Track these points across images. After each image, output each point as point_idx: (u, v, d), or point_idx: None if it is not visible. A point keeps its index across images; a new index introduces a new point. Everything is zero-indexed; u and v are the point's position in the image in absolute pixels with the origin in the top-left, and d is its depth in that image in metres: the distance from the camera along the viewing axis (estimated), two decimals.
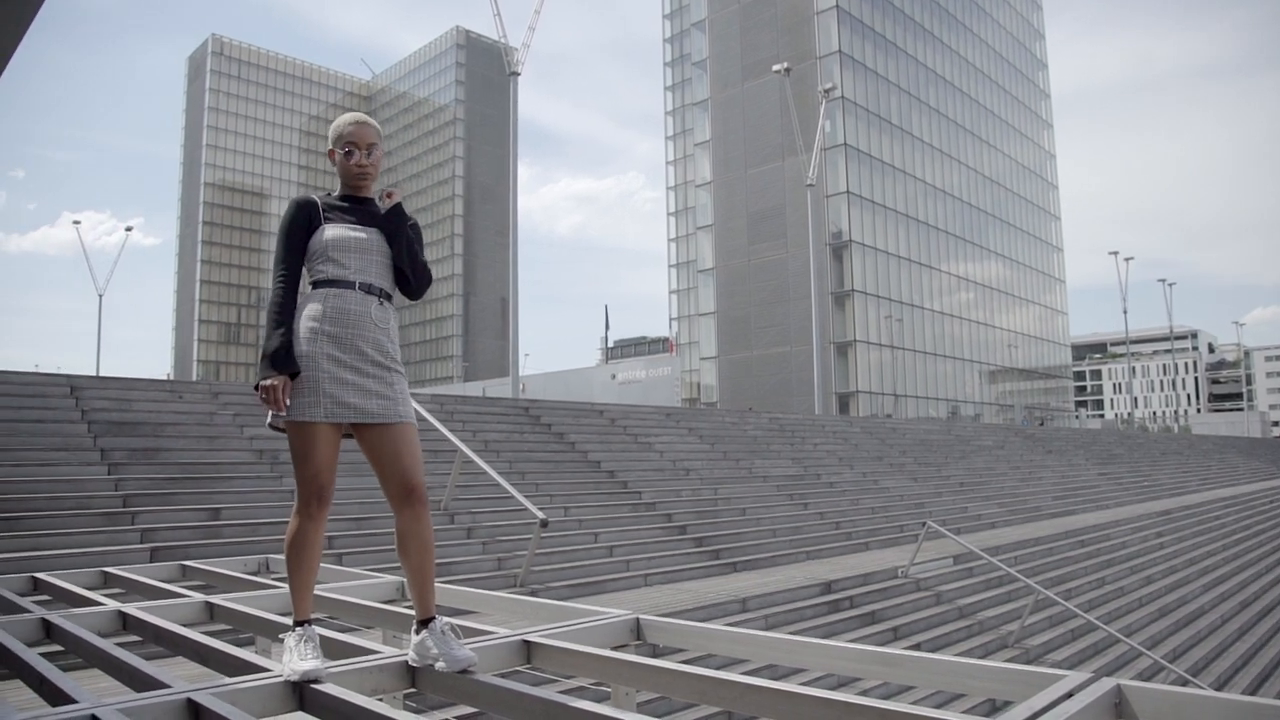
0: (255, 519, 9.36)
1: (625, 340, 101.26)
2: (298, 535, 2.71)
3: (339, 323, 2.72)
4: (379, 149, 2.93)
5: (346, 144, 2.88)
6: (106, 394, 11.47)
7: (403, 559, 2.78)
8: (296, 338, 2.70)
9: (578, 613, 3.54)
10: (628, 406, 20.15)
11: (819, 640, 3.06)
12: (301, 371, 2.67)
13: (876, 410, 52.80)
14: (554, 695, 2.39)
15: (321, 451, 2.69)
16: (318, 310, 2.73)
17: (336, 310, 2.72)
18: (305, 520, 2.70)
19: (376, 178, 2.96)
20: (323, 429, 2.68)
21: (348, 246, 2.79)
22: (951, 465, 22.72)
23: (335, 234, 2.79)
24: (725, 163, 60.82)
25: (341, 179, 2.93)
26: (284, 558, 2.78)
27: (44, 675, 2.70)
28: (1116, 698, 2.31)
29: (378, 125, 2.98)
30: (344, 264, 2.77)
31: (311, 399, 2.66)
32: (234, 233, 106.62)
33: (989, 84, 70.03)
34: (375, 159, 2.92)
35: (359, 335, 2.73)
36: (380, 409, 2.72)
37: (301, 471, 2.69)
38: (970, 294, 65.36)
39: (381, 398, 2.73)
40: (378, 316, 2.78)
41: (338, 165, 2.92)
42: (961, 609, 12.08)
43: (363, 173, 2.89)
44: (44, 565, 6.76)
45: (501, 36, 32.45)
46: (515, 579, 9.51)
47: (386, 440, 2.74)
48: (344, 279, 2.76)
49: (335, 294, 2.74)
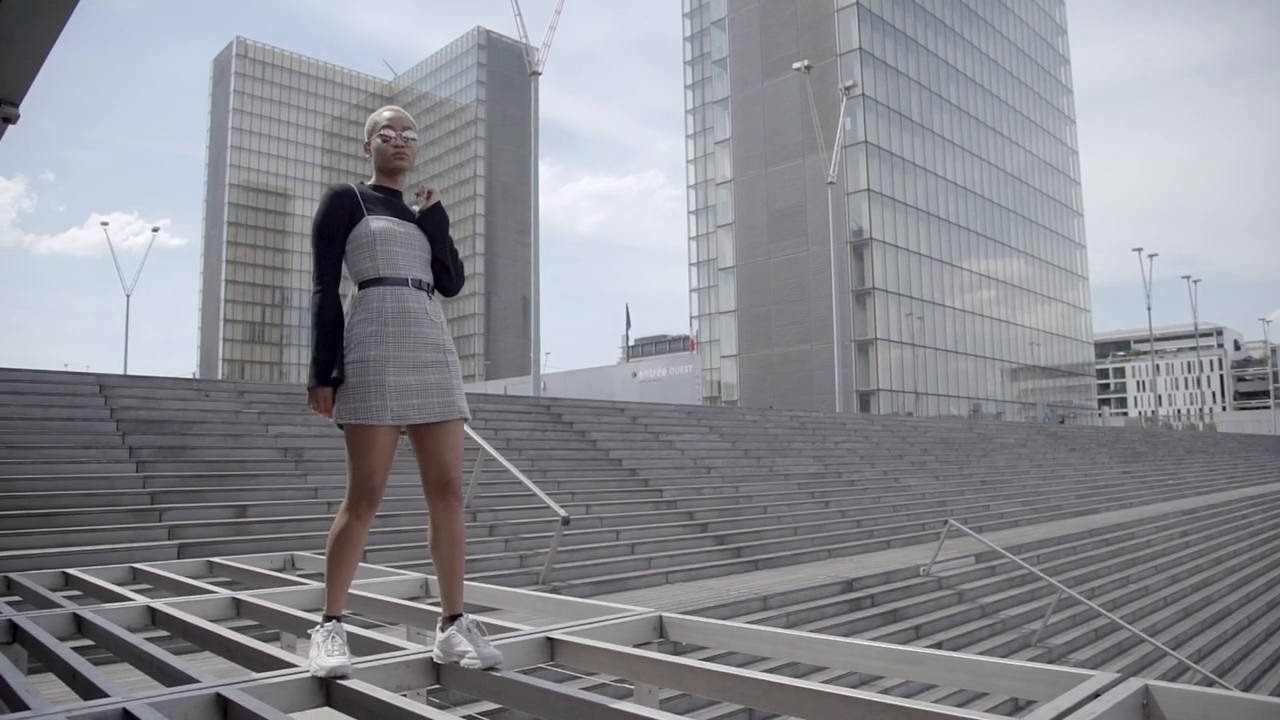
0: (280, 516, 9.45)
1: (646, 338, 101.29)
2: (343, 533, 2.73)
3: (401, 321, 2.72)
4: (414, 136, 2.93)
5: (383, 129, 2.89)
6: (134, 393, 11.60)
7: (434, 552, 2.81)
8: (360, 343, 2.69)
9: (601, 610, 3.55)
10: (649, 404, 20.16)
11: (841, 638, 3.06)
12: (366, 375, 2.67)
13: (897, 408, 52.55)
14: (578, 692, 2.40)
15: (379, 454, 2.70)
16: (378, 311, 2.72)
17: (398, 310, 2.72)
18: (353, 519, 2.72)
19: (413, 164, 2.96)
20: (384, 432, 2.69)
21: (394, 240, 2.78)
22: (973, 463, 22.58)
23: (382, 227, 2.77)
24: (746, 161, 60.67)
25: (377, 166, 2.93)
26: (325, 552, 2.81)
27: (76, 669, 2.74)
28: (1144, 698, 2.29)
29: (412, 119, 3.00)
30: (394, 260, 2.76)
31: (378, 402, 2.66)
32: (258, 233, 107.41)
33: (1011, 80, 69.47)
34: (412, 145, 2.92)
35: (418, 333, 2.74)
36: (443, 407, 2.74)
37: (356, 472, 2.70)
38: (992, 291, 64.91)
39: (444, 393, 2.75)
40: (432, 311, 2.80)
41: (374, 152, 2.91)
42: (984, 608, 12.02)
43: (399, 152, 2.89)
44: (75, 561, 6.85)
45: (522, 36, 32.51)
46: (537, 576, 9.55)
47: (438, 434, 2.76)
48: (397, 276, 2.75)
49: (393, 292, 2.74)
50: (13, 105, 3.28)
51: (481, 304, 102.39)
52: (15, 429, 9.81)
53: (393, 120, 2.91)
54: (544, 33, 34.09)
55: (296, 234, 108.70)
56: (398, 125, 2.90)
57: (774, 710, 2.57)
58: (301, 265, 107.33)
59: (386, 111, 2.93)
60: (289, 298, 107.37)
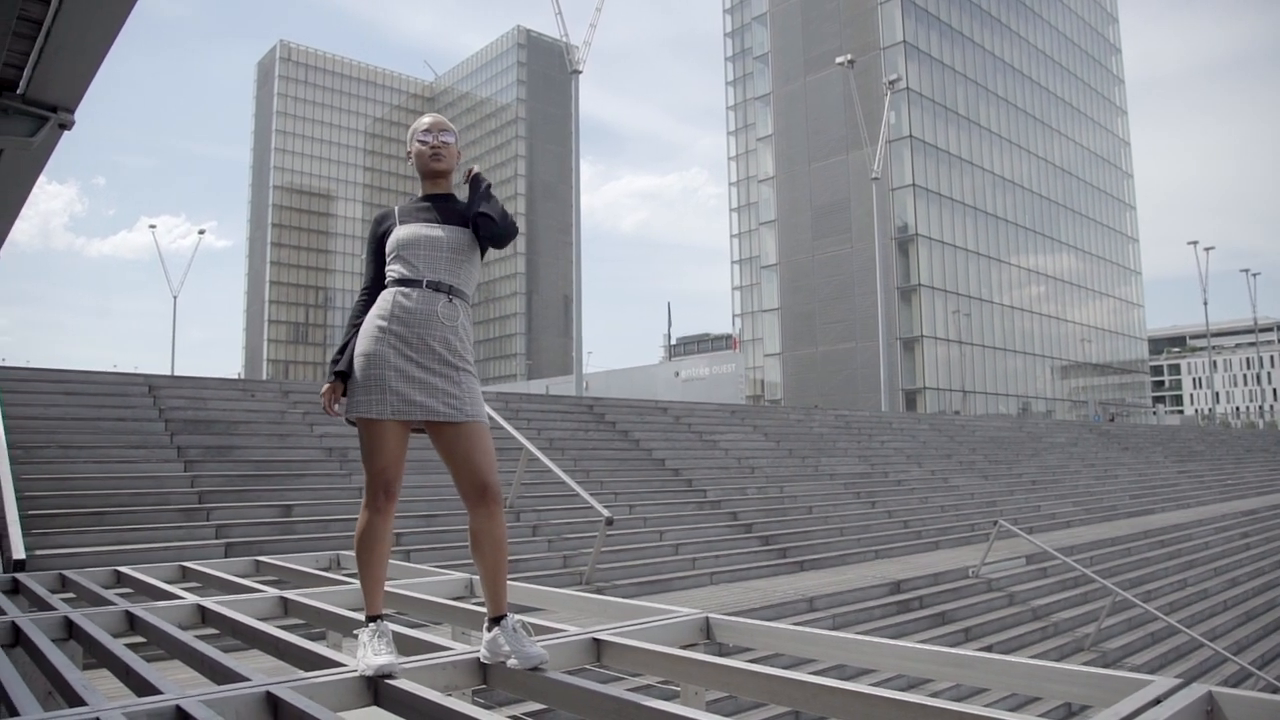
0: (326, 516, 9.55)
1: (688, 337, 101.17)
2: (366, 529, 2.75)
3: (405, 321, 2.74)
4: (453, 141, 2.98)
5: (421, 134, 2.95)
6: (182, 393, 11.80)
7: (476, 556, 2.80)
8: (363, 337, 2.77)
9: (646, 611, 3.53)
10: (692, 404, 20.11)
11: (890, 641, 3.00)
12: (369, 370, 2.71)
13: (944, 407, 51.91)
14: (624, 693, 2.37)
15: (388, 447, 2.72)
16: (385, 309, 2.76)
17: (402, 309, 2.74)
18: (373, 514, 2.74)
19: (452, 165, 2.99)
20: (389, 425, 2.72)
21: (417, 244, 2.82)
22: (1023, 463, 22.23)
23: (406, 233, 2.84)
24: (788, 157, 60.32)
25: (420, 172, 2.98)
26: (354, 553, 2.82)
27: (130, 666, 2.78)
28: (1208, 705, 2.21)
29: (451, 124, 3.02)
30: (412, 262, 2.80)
31: (378, 396, 2.70)
32: (302, 234, 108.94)
33: (1059, 71, 68.25)
34: (450, 148, 2.96)
35: (427, 333, 2.74)
36: (447, 408, 2.73)
37: (369, 466, 2.74)
38: (1041, 287, 63.85)
39: (449, 396, 2.74)
40: (445, 314, 2.77)
41: (415, 159, 2.97)
42: (1035, 610, 11.81)
43: (435, 153, 2.93)
44: (126, 559, 6.98)
45: (563, 35, 32.62)
46: (581, 577, 9.55)
47: (459, 439, 2.75)
48: (412, 277, 2.78)
49: (402, 292, 2.77)
50: (69, 112, 3.34)
51: (523, 303, 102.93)
52: (68, 429, 10.03)
53: (431, 125, 2.97)
54: (584, 31, 34.22)
55: (339, 235, 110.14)
56: (434, 129, 2.96)
57: (822, 713, 2.53)
58: (344, 266, 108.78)
59: (424, 119, 2.99)
60: (332, 298, 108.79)
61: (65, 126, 3.42)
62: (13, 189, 4.26)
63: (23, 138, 3.32)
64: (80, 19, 2.73)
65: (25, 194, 4.40)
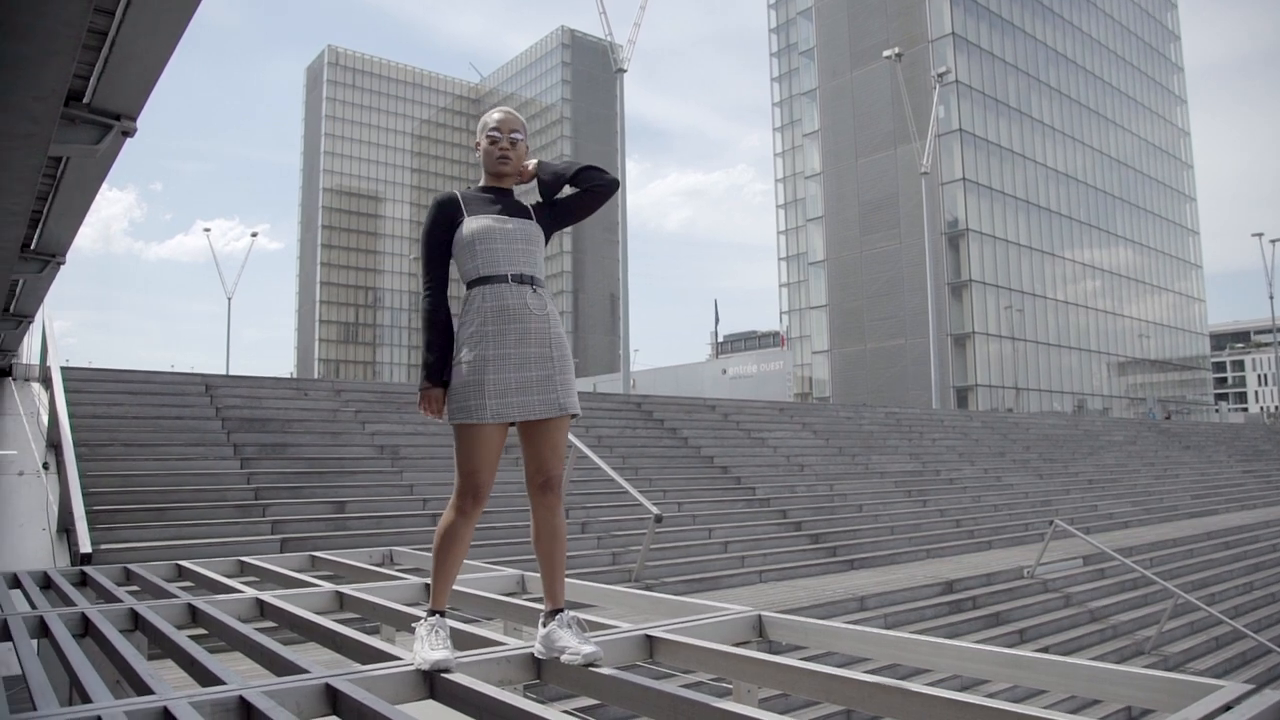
0: (378, 512, 9.69)
1: (735, 335, 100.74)
2: (449, 529, 2.76)
3: (500, 319, 2.73)
4: (523, 140, 2.94)
5: (491, 131, 2.93)
6: (238, 392, 12.04)
7: (535, 546, 2.83)
8: (464, 345, 2.73)
9: (698, 608, 3.52)
10: (740, 401, 20.04)
11: (946, 640, 2.96)
12: (469, 375, 2.70)
13: (996, 404, 51.10)
14: (679, 690, 2.37)
15: (484, 452, 2.72)
16: (477, 310, 2.74)
17: (496, 309, 2.74)
18: (459, 516, 2.74)
19: (516, 166, 2.96)
20: (488, 429, 2.71)
21: (494, 237, 2.79)
22: (1079, 461, 21.81)
23: (480, 225, 2.80)
24: (835, 153, 59.78)
25: (485, 168, 2.96)
26: (431, 548, 2.83)
27: (194, 657, 2.84)
28: None
29: (523, 119, 3.00)
30: (493, 257, 2.78)
31: (477, 402, 2.68)
32: (351, 235, 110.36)
33: (1115, 60, 66.72)
34: (519, 149, 2.94)
35: (521, 329, 2.74)
36: (543, 405, 2.74)
37: (462, 469, 2.73)
38: (1096, 282, 62.52)
39: (546, 391, 2.75)
40: (534, 305, 2.78)
41: (482, 153, 2.94)
42: (1093, 612, 11.59)
43: (504, 155, 2.90)
44: (186, 553, 7.14)
45: (607, 34, 32.68)
46: (630, 574, 9.57)
47: (543, 431, 2.78)
48: (496, 273, 2.77)
49: (491, 290, 2.75)
50: (131, 120, 3.42)
51: (570, 302, 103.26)
52: (130, 427, 10.29)
53: (500, 123, 2.93)
54: (628, 30, 34.24)
55: (388, 236, 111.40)
56: (504, 128, 2.92)
57: (877, 713, 2.50)
58: (392, 266, 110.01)
59: (496, 113, 2.95)
60: (381, 298, 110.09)
61: (128, 134, 3.50)
62: (78, 196, 4.38)
63: (88, 145, 3.41)
64: (143, 29, 2.81)
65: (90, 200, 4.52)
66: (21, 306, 6.98)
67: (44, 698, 2.45)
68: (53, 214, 4.62)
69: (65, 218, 4.79)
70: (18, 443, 9.65)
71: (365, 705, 2.27)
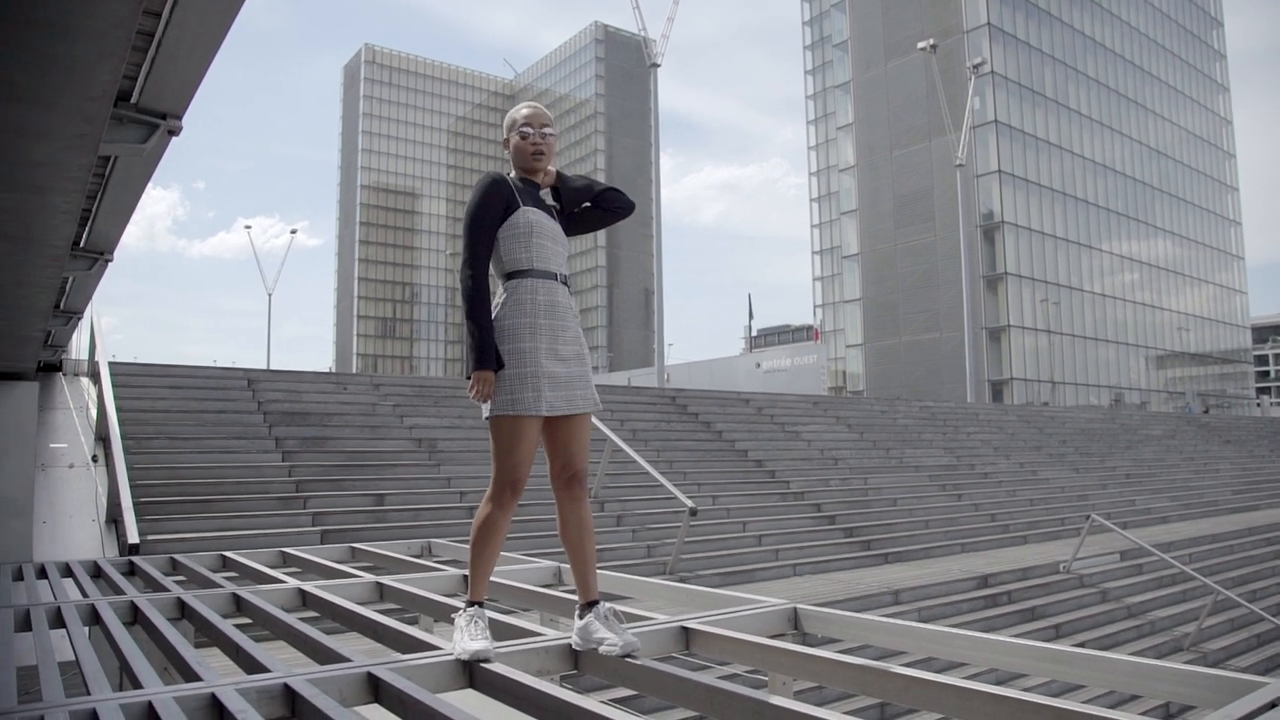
0: (416, 505, 9.79)
1: (769, 328, 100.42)
2: (487, 521, 2.78)
3: (554, 316, 2.77)
4: (552, 134, 2.96)
5: (522, 126, 2.93)
6: (279, 387, 12.21)
7: (564, 540, 2.86)
8: (514, 334, 2.72)
9: (734, 601, 3.54)
10: (774, 395, 19.98)
11: (983, 635, 2.96)
12: (522, 367, 2.70)
13: (1032, 398, 50.49)
14: (716, 681, 2.40)
15: (527, 445, 2.75)
16: (533, 304, 2.76)
17: (549, 304, 2.78)
18: (496, 508, 2.77)
19: (551, 159, 2.98)
20: (534, 423, 2.73)
21: (545, 234, 2.83)
22: (1116, 456, 21.52)
23: (536, 219, 2.82)
24: (869, 146, 59.28)
25: (516, 163, 2.95)
26: (469, 540, 2.86)
27: (239, 645, 2.91)
28: None
29: (549, 114, 3.01)
30: (545, 254, 2.81)
31: (533, 394, 2.69)
32: (389, 232, 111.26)
33: (1154, 48, 65.47)
34: (549, 143, 2.95)
35: (564, 327, 2.79)
36: (584, 399, 2.80)
37: (503, 462, 2.74)
38: (1135, 274, 61.51)
39: (585, 386, 2.81)
40: (572, 306, 2.87)
41: (513, 150, 2.94)
42: (1130, 608, 11.45)
43: (538, 150, 2.91)
44: (229, 544, 7.27)
45: (641, 29, 32.65)
46: (665, 566, 9.60)
47: (571, 426, 2.81)
48: (547, 270, 2.80)
49: (544, 286, 2.78)
50: (177, 119, 3.49)
51: (604, 296, 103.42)
52: (175, 421, 10.48)
53: (530, 118, 2.94)
54: (662, 24, 34.19)
55: (424, 232, 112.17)
56: (535, 123, 2.93)
57: (914, 706, 2.52)
58: (429, 262, 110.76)
59: (524, 109, 2.96)
60: (418, 293, 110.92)
61: (174, 133, 3.57)
62: (125, 194, 4.47)
63: (135, 145, 3.48)
64: (189, 29, 2.87)
65: (137, 198, 4.61)
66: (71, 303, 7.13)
67: (96, 682, 2.52)
68: (101, 212, 4.72)
69: (113, 216, 4.89)
70: (68, 436, 9.87)
71: (407, 694, 2.32)
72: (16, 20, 2.03)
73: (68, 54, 2.21)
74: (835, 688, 3.06)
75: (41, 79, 2.34)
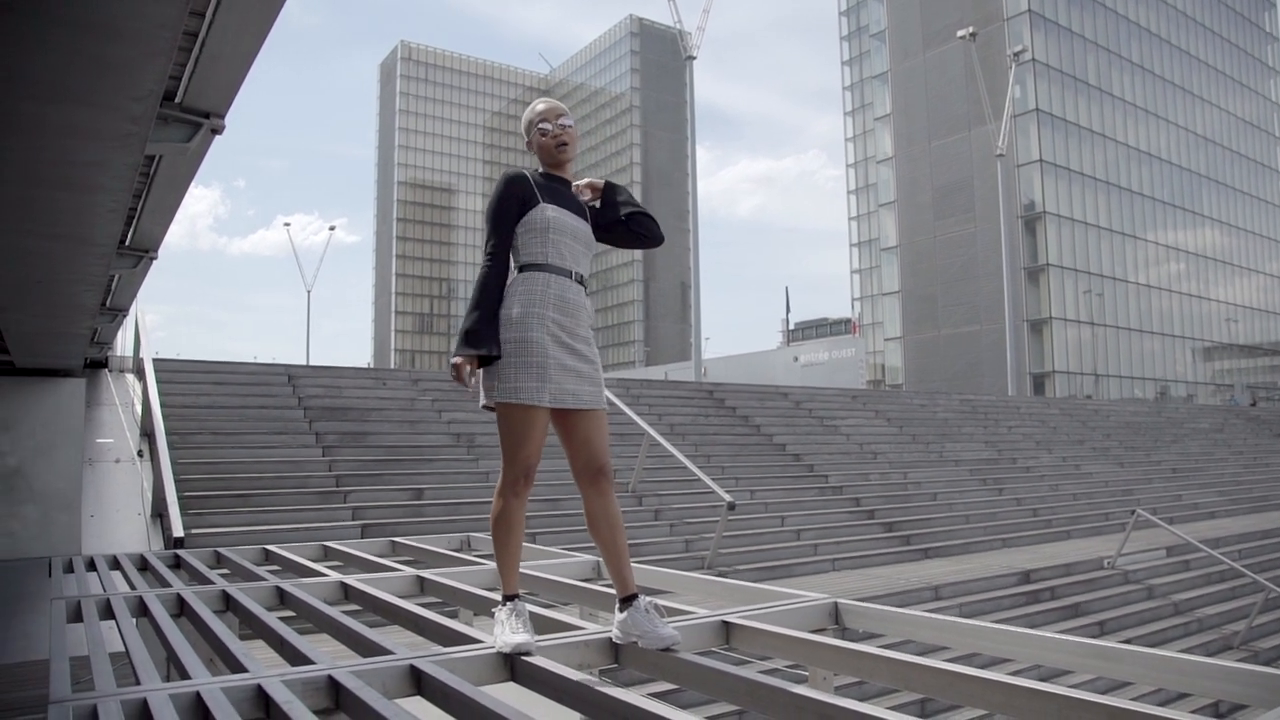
0: (455, 499, 9.86)
1: (806, 322, 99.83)
2: (503, 513, 2.78)
3: (564, 311, 2.77)
4: (570, 124, 2.96)
5: (540, 124, 2.93)
6: (319, 382, 12.35)
7: (595, 537, 2.84)
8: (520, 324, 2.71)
9: (774, 595, 3.52)
10: (812, 389, 19.87)
11: (1028, 630, 2.91)
12: (530, 356, 2.70)
13: (1075, 391, 49.75)
14: (757, 675, 2.38)
15: (536, 435, 2.74)
16: (544, 297, 2.76)
17: (561, 299, 2.77)
18: (510, 499, 2.77)
19: (576, 152, 2.98)
20: (542, 413, 2.73)
21: (565, 231, 2.82)
22: (1162, 449, 21.15)
23: (557, 216, 2.82)
24: (907, 136, 58.66)
25: (543, 160, 2.95)
26: (490, 535, 2.88)
27: (284, 637, 2.95)
28: None
29: (564, 106, 3.00)
30: (562, 250, 2.81)
31: (539, 384, 2.70)
32: (425, 227, 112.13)
33: (1202, 32, 64.00)
34: (570, 133, 2.94)
35: (577, 323, 2.79)
36: (592, 396, 2.79)
37: (513, 453, 2.74)
38: (1181, 264, 60.30)
39: (593, 384, 2.80)
40: (587, 305, 2.86)
41: (537, 148, 2.94)
42: (1177, 605, 11.25)
43: (560, 141, 2.91)
44: (271, 538, 7.36)
45: (676, 22, 32.56)
46: (702, 561, 9.59)
47: (585, 424, 2.79)
48: (563, 267, 2.80)
49: (556, 280, 2.78)
50: (220, 117, 3.54)
51: (640, 290, 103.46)
52: (218, 416, 10.64)
53: (545, 113, 2.93)
54: (697, 16, 34.06)
55: (462, 228, 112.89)
56: (551, 117, 2.92)
57: (959, 702, 2.48)
58: (466, 257, 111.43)
59: (539, 104, 2.96)
60: (455, 289, 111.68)
61: (217, 131, 3.63)
62: (170, 193, 4.55)
63: (180, 143, 3.54)
64: (232, 29, 2.91)
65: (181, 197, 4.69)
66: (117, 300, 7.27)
67: (146, 672, 2.57)
68: (146, 211, 4.80)
69: (158, 214, 4.97)
70: (114, 431, 10.06)
71: (449, 686, 2.33)
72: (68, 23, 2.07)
73: (116, 55, 2.25)
74: (877, 683, 3.03)
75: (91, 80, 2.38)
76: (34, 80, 2.40)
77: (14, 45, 2.17)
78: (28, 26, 2.08)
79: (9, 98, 2.51)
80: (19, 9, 2.01)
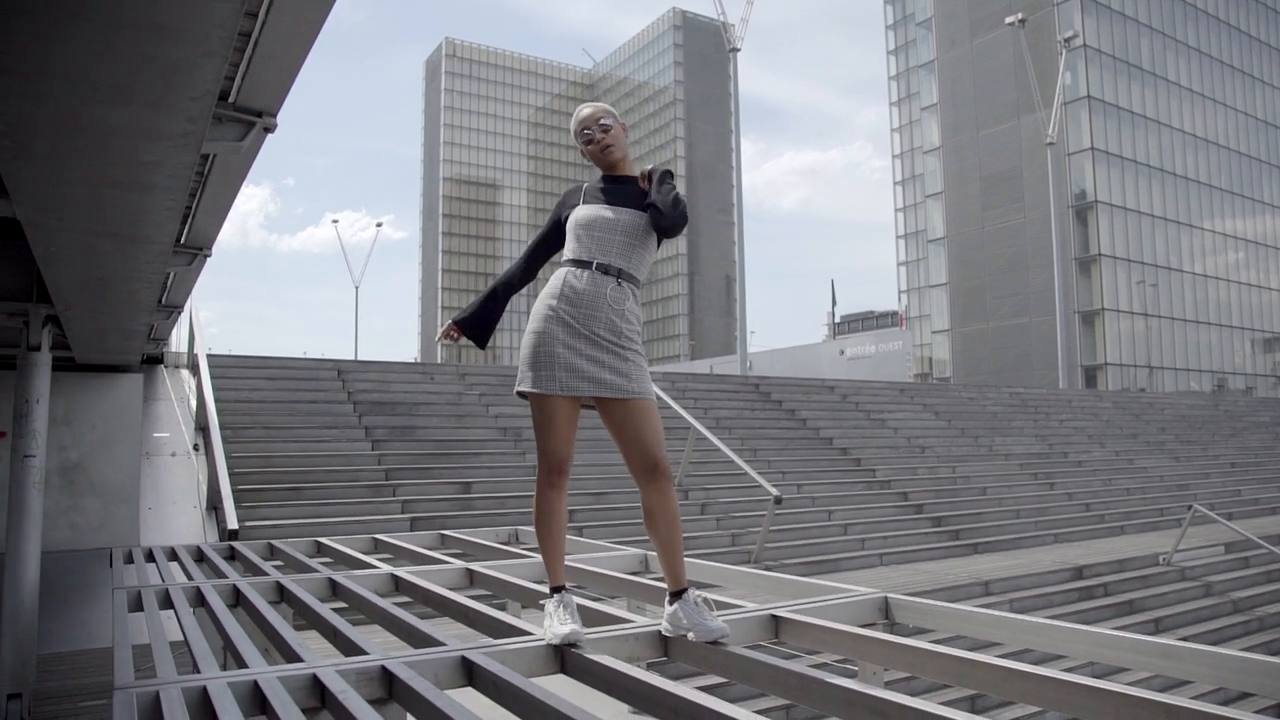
0: (503, 492, 9.94)
1: (852, 315, 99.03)
2: (542, 505, 2.82)
3: (573, 303, 2.78)
4: (613, 124, 2.98)
5: (583, 133, 2.99)
6: (368, 377, 12.51)
7: (650, 532, 2.84)
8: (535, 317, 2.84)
9: (823, 589, 3.51)
10: (859, 382, 19.70)
11: (1083, 626, 2.86)
12: (539, 347, 2.78)
13: (1128, 383, 48.73)
14: (807, 669, 2.38)
15: (558, 424, 2.77)
16: (555, 288, 2.82)
17: (571, 290, 2.79)
18: (547, 489, 2.81)
19: (622, 149, 2.99)
20: (560, 402, 2.76)
21: (592, 225, 2.85)
22: (1220, 444, 20.65)
23: (583, 213, 2.88)
24: (955, 126, 57.82)
25: (598, 165, 3.02)
26: (533, 529, 2.90)
27: (337, 628, 3.00)
28: None
29: (605, 106, 3.02)
30: (585, 243, 2.84)
31: (547, 373, 2.75)
32: (471, 223, 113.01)
33: (1262, 10, 62.07)
34: (612, 133, 2.97)
35: (592, 316, 2.77)
36: (614, 384, 2.75)
37: (541, 443, 2.80)
38: (1239, 253, 58.74)
39: (616, 373, 2.76)
40: (613, 297, 2.79)
41: (588, 157, 3.01)
42: (1235, 603, 10.99)
43: (603, 145, 2.96)
44: (322, 530, 7.50)
45: (720, 14, 32.42)
46: (749, 555, 9.57)
47: (628, 416, 2.78)
48: (583, 259, 2.82)
49: (573, 274, 2.81)
50: (272, 116, 3.60)
51: (685, 284, 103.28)
52: (269, 411, 10.83)
53: (585, 120, 2.99)
54: (741, 8, 33.83)
55: (506, 223, 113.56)
56: (590, 123, 2.98)
57: (1011, 698, 2.45)
58: (511, 253, 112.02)
59: (580, 112, 3.02)
60: None
61: (269, 130, 3.68)
62: (224, 191, 4.63)
63: (234, 142, 3.60)
64: (284, 29, 2.95)
65: (234, 195, 4.77)
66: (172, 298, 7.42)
67: (205, 661, 2.63)
68: (200, 209, 4.89)
69: (211, 212, 5.07)
70: (170, 426, 10.29)
71: (500, 678, 2.35)
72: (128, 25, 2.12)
73: (174, 56, 2.29)
74: (928, 678, 3.00)
75: (150, 81, 2.44)
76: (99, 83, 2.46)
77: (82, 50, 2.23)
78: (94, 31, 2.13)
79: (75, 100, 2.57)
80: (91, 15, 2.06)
